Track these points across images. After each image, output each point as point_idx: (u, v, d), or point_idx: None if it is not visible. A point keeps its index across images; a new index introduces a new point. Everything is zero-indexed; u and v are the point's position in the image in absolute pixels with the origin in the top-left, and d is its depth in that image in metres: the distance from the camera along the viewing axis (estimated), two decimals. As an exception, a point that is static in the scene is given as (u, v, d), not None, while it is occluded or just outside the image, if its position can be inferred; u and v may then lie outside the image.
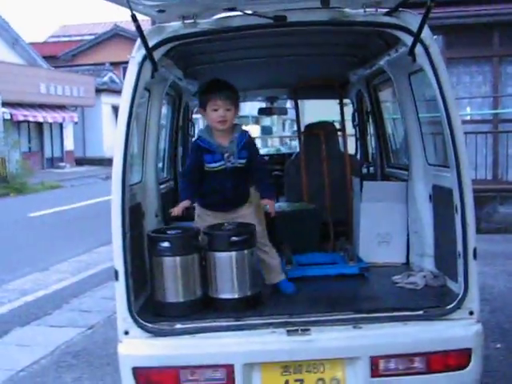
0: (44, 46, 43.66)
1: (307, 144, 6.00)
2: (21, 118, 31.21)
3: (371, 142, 6.44)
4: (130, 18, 3.42)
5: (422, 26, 3.46)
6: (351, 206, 5.30)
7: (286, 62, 5.52)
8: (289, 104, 15.79)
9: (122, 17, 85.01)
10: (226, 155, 4.03)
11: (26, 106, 31.91)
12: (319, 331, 3.47)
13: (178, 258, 3.70)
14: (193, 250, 3.72)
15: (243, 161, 4.06)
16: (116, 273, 3.55)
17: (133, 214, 3.78)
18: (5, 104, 26.79)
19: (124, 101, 3.59)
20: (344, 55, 5.46)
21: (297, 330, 3.46)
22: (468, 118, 12.71)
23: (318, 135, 5.90)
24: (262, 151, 11.26)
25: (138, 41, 3.61)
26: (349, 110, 6.63)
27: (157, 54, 3.69)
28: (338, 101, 6.18)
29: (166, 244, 3.68)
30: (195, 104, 6.81)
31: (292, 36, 4.59)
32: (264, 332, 3.49)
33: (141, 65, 3.62)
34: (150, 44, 3.60)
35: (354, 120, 6.57)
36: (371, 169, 6.33)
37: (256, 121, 52.52)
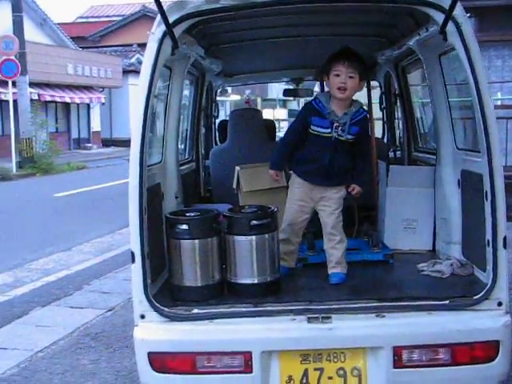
0: (72, 27, 43.76)
1: None
2: (48, 99, 31.37)
3: (399, 126, 6.26)
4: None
5: (455, 2, 3.30)
6: (377, 191, 5.15)
7: (312, 41, 5.37)
8: (316, 87, 15.60)
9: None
10: (335, 124, 3.87)
11: (54, 86, 32.05)
12: (340, 319, 3.36)
13: (196, 241, 3.60)
14: (212, 233, 3.62)
15: (351, 136, 3.90)
16: (132, 254, 3.47)
17: (151, 195, 3.69)
18: (32, 84, 26.88)
19: (143, 78, 3.49)
20: (372, 35, 5.31)
21: (317, 318, 3.35)
22: (499, 102, 12.44)
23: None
24: None
25: (158, 17, 3.50)
26: (375, 93, 6.46)
27: (177, 31, 3.58)
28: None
29: (184, 226, 3.59)
30: (219, 84, 6.73)
31: (318, 15, 4.45)
32: (283, 319, 3.39)
33: (160, 41, 3.51)
34: (170, 20, 3.48)
35: (381, 103, 6.40)
36: (398, 153, 6.16)
37: (283, 104, 52.31)
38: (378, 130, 6.01)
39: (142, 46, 39.38)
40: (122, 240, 10.02)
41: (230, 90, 23.76)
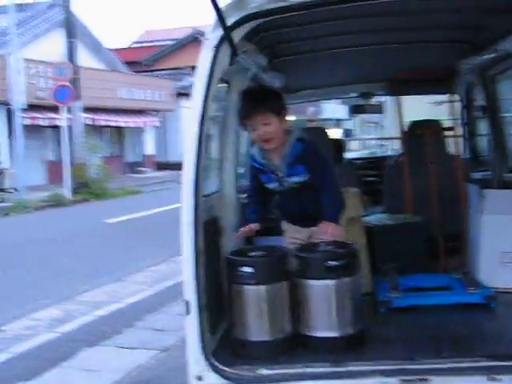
0: (128, 52, 44.04)
1: (410, 145, 5.19)
2: (102, 123, 31.34)
3: (484, 144, 5.55)
4: (209, 22, 2.74)
5: None
6: (466, 218, 4.46)
7: (384, 51, 4.75)
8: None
9: (201, 21, 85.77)
10: (279, 175, 3.40)
11: (108, 110, 32.05)
12: (443, 382, 2.69)
13: (262, 287, 3.03)
14: (281, 277, 3.04)
15: (299, 179, 3.37)
16: (187, 304, 2.88)
17: (208, 231, 3.11)
18: (86, 109, 26.85)
19: (196, 93, 2.92)
20: (454, 41, 4.64)
21: (413, 381, 2.70)
22: None
23: (422, 135, 5.08)
24: (354, 155, 10.39)
25: (214, 19, 2.92)
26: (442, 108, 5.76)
27: (236, 35, 3.00)
28: (431, 98, 5.31)
29: (247, 269, 3.01)
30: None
31: (395, 17, 3.84)
32: (371, 381, 2.75)
33: (217, 49, 2.94)
34: (229, 22, 2.90)
35: (462, 118, 5.70)
36: (483, 174, 5.46)
37: (337, 124, 51.42)
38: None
39: (194, 68, 39.42)
40: (177, 269, 9.44)
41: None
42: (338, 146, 5.99)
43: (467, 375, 2.72)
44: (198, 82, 2.90)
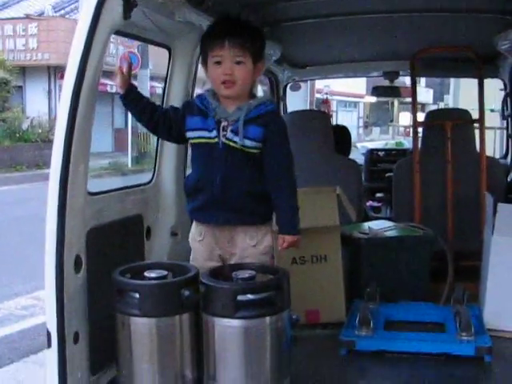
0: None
1: (426, 140, 4.30)
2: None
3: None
4: None
5: None
6: (483, 235, 3.56)
7: (411, 20, 3.89)
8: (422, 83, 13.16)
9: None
10: (223, 124, 2.53)
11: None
12: None
13: (153, 321, 2.25)
14: (179, 309, 2.26)
15: (250, 142, 2.51)
16: (48, 336, 2.19)
17: (99, 239, 2.40)
18: (154, 78, 26.59)
19: (71, 57, 2.17)
20: (498, 11, 3.69)
21: None
22: None
23: (442, 127, 4.17)
24: (378, 144, 9.28)
25: None
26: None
27: None
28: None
29: (134, 294, 2.25)
30: (287, 78, 5.28)
31: None
32: None
33: None
34: None
35: (504, 108, 4.73)
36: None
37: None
38: (491, 144, 4.36)
39: None
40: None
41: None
42: (344, 135, 5.10)
43: None
44: (76, 43, 2.15)
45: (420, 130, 4.41)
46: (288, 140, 2.62)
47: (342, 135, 4.92)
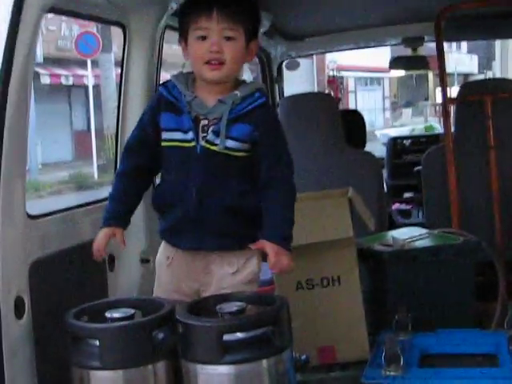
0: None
1: (461, 121, 4.36)
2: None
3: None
4: None
5: None
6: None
7: None
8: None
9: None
10: (202, 123, 2.53)
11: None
12: None
13: (119, 374, 2.29)
14: (153, 356, 2.27)
15: (234, 143, 2.52)
16: None
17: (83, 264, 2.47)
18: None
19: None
20: None
21: None
22: None
23: (480, 104, 4.25)
24: (404, 131, 9.37)
25: None
26: None
27: None
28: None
29: (93, 342, 2.28)
30: (282, 53, 5.37)
31: None
32: None
33: None
34: None
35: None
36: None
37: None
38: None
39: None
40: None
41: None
42: (357, 122, 5.18)
43: None
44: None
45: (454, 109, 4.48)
46: (284, 139, 2.65)
47: (353, 122, 5.03)
